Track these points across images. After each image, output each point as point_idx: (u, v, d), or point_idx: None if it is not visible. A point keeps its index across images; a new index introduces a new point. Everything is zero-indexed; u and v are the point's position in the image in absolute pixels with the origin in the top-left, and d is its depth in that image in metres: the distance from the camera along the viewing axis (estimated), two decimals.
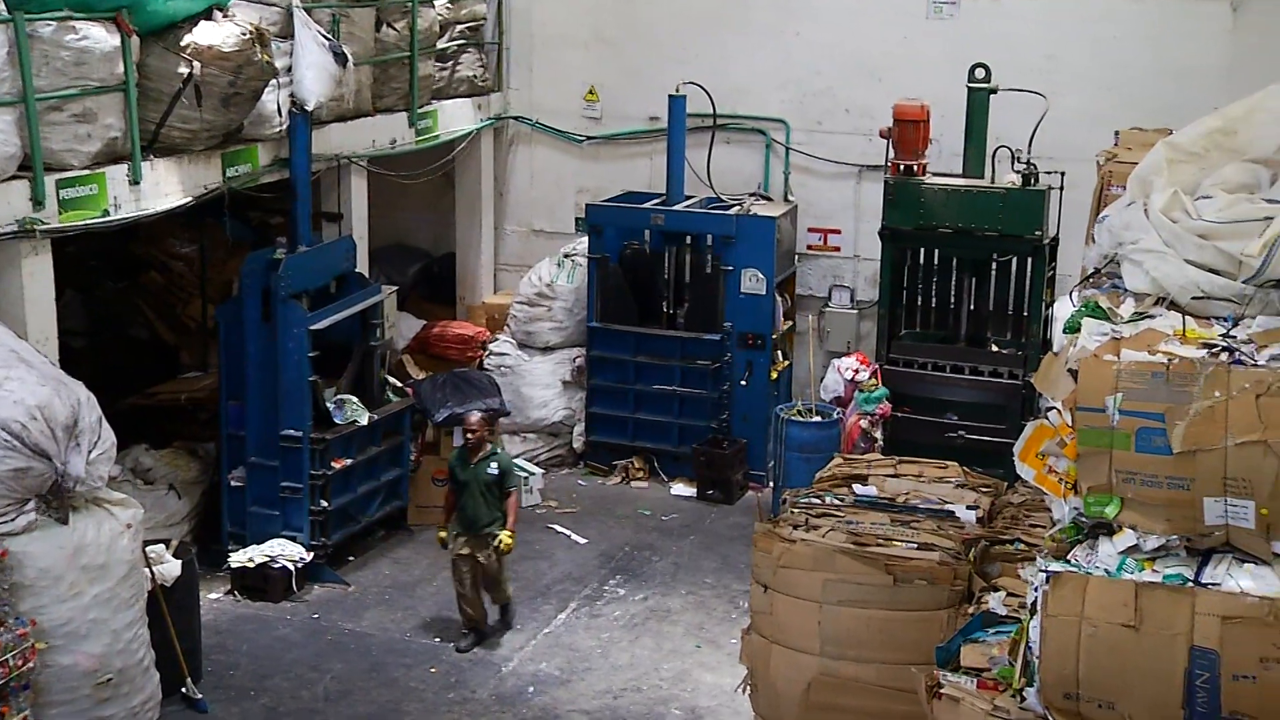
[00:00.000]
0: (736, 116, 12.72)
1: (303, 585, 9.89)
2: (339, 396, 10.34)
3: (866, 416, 10.83)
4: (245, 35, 9.01)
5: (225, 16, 9.09)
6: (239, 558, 9.83)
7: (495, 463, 9.10)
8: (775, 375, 12.13)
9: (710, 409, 12.05)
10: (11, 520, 7.16)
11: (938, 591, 6.30)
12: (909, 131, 11.01)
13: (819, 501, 7.06)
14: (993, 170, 11.00)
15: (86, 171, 8.43)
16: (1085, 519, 4.66)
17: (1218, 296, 4.73)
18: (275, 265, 9.77)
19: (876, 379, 10.99)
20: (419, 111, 11.88)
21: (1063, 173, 10.58)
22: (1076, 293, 5.28)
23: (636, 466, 12.29)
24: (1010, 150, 10.81)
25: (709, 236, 11.93)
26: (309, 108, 9.75)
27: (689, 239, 12.07)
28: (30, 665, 7.03)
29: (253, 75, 9.17)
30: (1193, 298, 4.76)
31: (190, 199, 9.30)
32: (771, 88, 12.69)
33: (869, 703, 6.38)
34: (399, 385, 11.22)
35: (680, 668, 9.05)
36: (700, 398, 12.07)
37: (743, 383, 11.94)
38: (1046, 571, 4.64)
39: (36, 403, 7.20)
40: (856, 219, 12.56)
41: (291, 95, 9.69)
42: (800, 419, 11.14)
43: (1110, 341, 4.66)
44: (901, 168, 11.03)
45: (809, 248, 12.79)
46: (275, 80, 9.52)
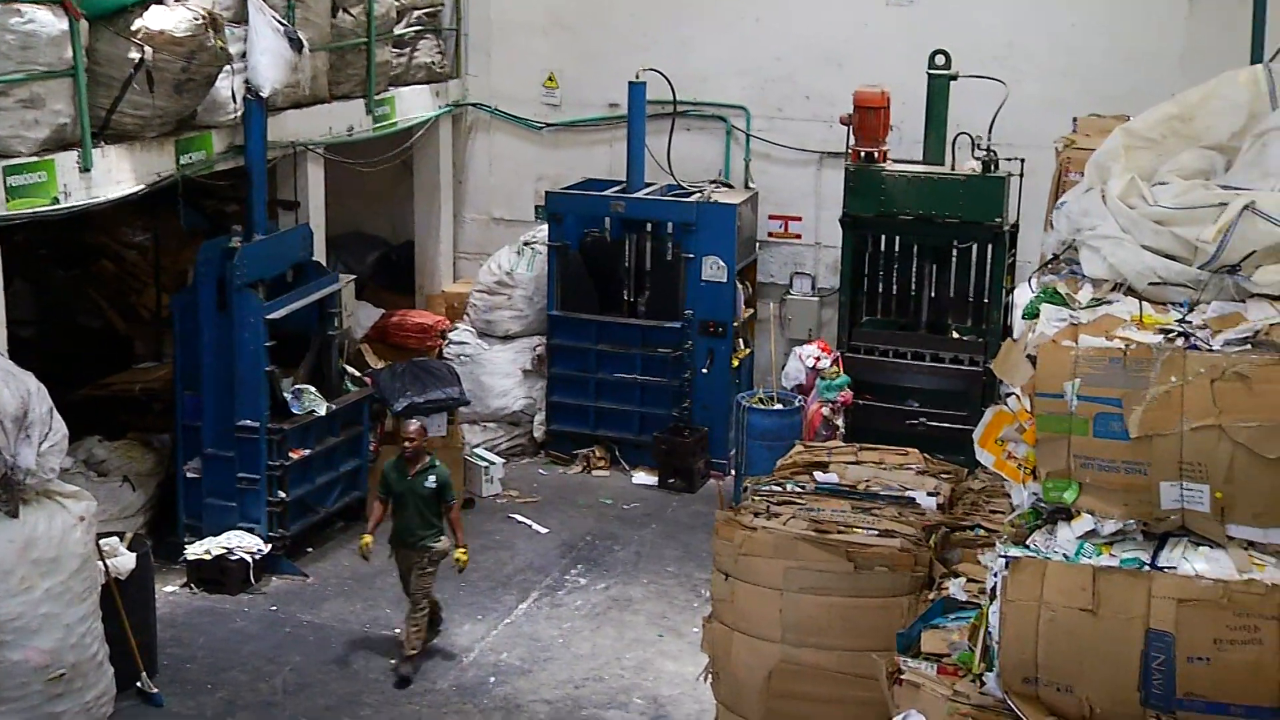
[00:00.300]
0: (697, 103, 12.68)
1: (260, 577, 9.80)
2: (296, 386, 10.25)
3: (828, 404, 10.84)
4: (198, 20, 8.88)
5: (177, 1, 8.95)
6: (195, 550, 9.74)
7: (434, 475, 8.68)
8: (737, 363, 12.13)
9: (671, 397, 12.03)
10: None
11: (898, 578, 6.31)
12: (870, 118, 11.01)
13: (780, 489, 7.05)
14: (953, 157, 11.02)
15: (35, 158, 8.28)
16: (1044, 504, 4.67)
17: (1174, 282, 4.73)
18: (231, 254, 9.68)
19: (838, 366, 11.00)
20: (376, 98, 11.77)
21: (1023, 159, 10.62)
22: (1035, 279, 5.28)
23: (598, 455, 12.26)
24: (970, 137, 10.84)
25: (669, 224, 11.90)
26: (264, 94, 9.64)
27: (649, 226, 12.03)
28: None
29: (206, 61, 9.05)
30: (1149, 283, 4.77)
31: (143, 187, 9.17)
32: (732, 74, 12.66)
33: (830, 690, 6.38)
34: (357, 375, 11.15)
35: (642, 657, 9.04)
36: (661, 386, 12.05)
37: (704, 371, 11.92)
38: (1006, 557, 4.64)
39: None
40: (817, 206, 12.57)
41: (246, 81, 9.59)
42: (762, 407, 11.14)
43: (1068, 327, 4.66)
44: (862, 155, 11.03)
45: (770, 235, 12.78)
46: (229, 66, 9.42)
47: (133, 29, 8.66)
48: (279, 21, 9.68)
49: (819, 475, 7.22)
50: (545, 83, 13.28)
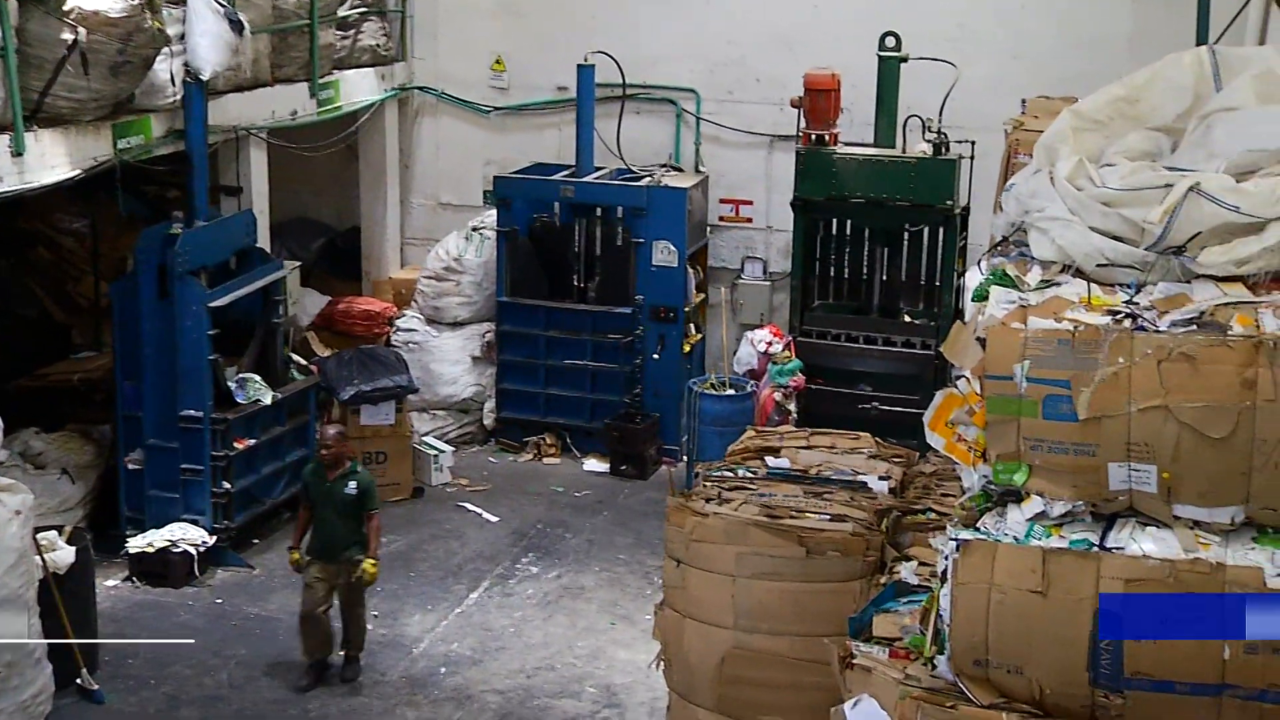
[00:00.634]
0: (646, 86, 12.59)
1: (205, 570, 9.65)
2: (241, 375, 10.11)
3: (780, 389, 10.82)
4: (134, 1, 8.66)
5: None
6: (138, 543, 9.57)
7: (354, 481, 8.25)
8: (688, 349, 12.08)
9: (622, 383, 11.96)
10: None
11: (850, 563, 6.29)
12: (820, 101, 10.99)
13: (732, 475, 7.01)
14: (904, 140, 11.02)
15: None
16: (994, 487, 4.66)
17: (1121, 263, 4.74)
18: (172, 240, 9.51)
19: (790, 351, 10.98)
20: (320, 82, 11.57)
21: (973, 142, 10.63)
22: (985, 261, 5.27)
23: (548, 443, 12.17)
24: (921, 119, 10.84)
25: (619, 208, 11.81)
26: (204, 77, 9.47)
27: (599, 211, 11.94)
28: None
29: (143, 43, 8.85)
30: (1097, 265, 4.77)
31: (79, 172, 8.95)
32: (682, 57, 12.57)
33: (783, 675, 6.36)
34: (303, 363, 11.03)
35: (594, 645, 8.98)
36: (612, 372, 11.98)
37: (655, 356, 11.86)
38: (956, 540, 4.63)
39: None
40: (768, 190, 12.53)
41: (185, 64, 9.42)
42: (713, 392, 11.10)
43: (1018, 309, 4.65)
44: (813, 137, 11.01)
45: (721, 219, 12.74)
46: (168, 48, 9.23)
47: (65, 9, 8.44)
48: (219, 3, 9.48)
49: (771, 460, 7.19)
50: (493, 66, 13.13)
